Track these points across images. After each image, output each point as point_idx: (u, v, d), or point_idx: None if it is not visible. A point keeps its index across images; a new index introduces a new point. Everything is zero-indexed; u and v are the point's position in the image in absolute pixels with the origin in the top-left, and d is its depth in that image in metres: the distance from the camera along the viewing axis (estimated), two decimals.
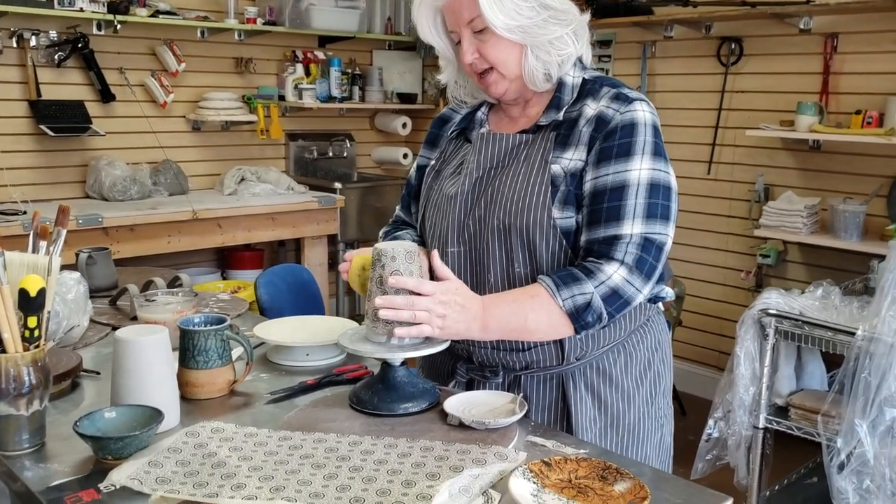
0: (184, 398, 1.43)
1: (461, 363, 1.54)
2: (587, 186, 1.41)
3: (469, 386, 1.54)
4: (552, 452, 1.21)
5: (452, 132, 1.61)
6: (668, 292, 1.55)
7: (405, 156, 4.90)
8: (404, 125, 4.96)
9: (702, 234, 4.02)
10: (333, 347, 1.60)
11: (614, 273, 1.35)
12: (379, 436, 1.24)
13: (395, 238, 1.64)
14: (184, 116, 4.28)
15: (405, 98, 4.94)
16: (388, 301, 1.28)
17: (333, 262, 4.50)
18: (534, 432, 1.29)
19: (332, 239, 4.35)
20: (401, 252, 1.30)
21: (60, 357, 1.52)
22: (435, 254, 1.34)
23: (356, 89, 4.77)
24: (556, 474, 1.10)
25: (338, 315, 4.65)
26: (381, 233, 1.73)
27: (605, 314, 1.35)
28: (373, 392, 1.35)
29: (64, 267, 1.83)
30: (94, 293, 2.10)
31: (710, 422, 2.61)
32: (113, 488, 1.09)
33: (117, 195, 3.84)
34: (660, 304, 1.62)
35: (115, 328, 1.83)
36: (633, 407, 1.53)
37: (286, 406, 1.40)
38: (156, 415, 1.23)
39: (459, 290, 1.33)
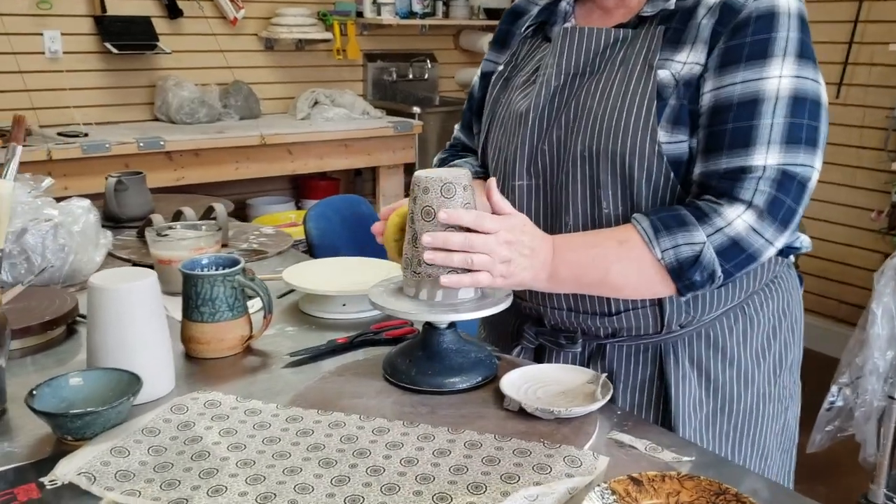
0: (187, 357, 1.17)
1: (528, 324, 1.22)
2: (706, 99, 1.05)
3: (538, 354, 1.22)
4: (644, 459, 0.89)
5: (527, 28, 1.26)
6: (805, 241, 1.19)
7: None
8: None
9: (825, 168, 3.52)
10: None
11: (737, 218, 1.00)
12: (413, 421, 0.95)
13: (453, 167, 1.32)
14: (255, 34, 4.01)
15: (493, 13, 4.52)
16: (439, 238, 0.97)
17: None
18: (620, 425, 0.97)
19: (409, 168, 4.05)
20: (450, 180, 0.99)
21: (53, 299, 1.29)
22: (492, 183, 1.02)
23: (439, 4, 4.40)
24: (649, 499, 0.78)
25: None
26: (435, 160, 1.41)
27: (719, 272, 1.01)
28: (411, 360, 1.05)
29: (85, 198, 1.60)
30: (126, 223, 1.87)
31: (834, 388, 2.22)
32: (57, 484, 0.83)
33: (185, 118, 3.65)
34: (791, 257, 1.25)
35: (135, 264, 1.59)
36: (751, 387, 1.19)
37: (308, 371, 1.13)
38: (133, 382, 0.97)
39: (527, 229, 1.01)
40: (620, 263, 1.02)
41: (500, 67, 1.27)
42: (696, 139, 1.06)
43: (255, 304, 1.30)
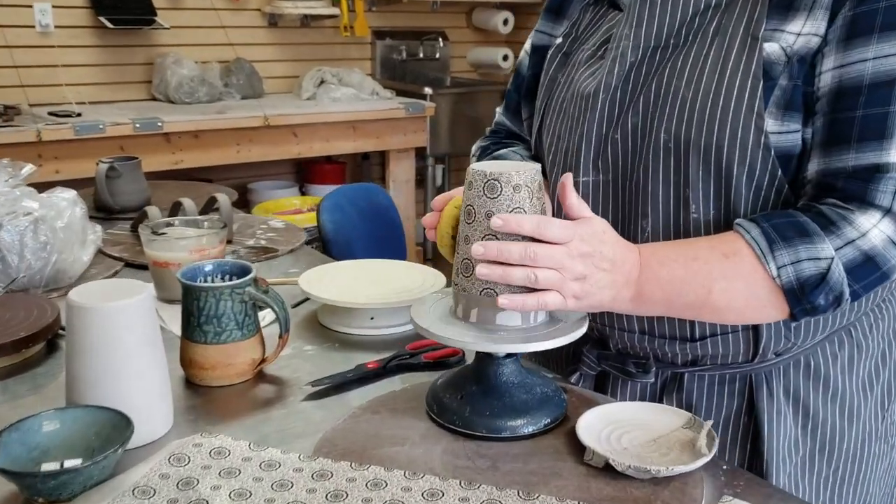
0: (188, 384, 0.98)
1: (589, 346, 1.03)
2: (827, 79, 0.85)
3: (600, 382, 1.04)
4: None
5: None
6: None
7: (505, 58, 4.30)
8: (506, 22, 4.34)
9: None
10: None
11: (873, 228, 0.81)
12: (472, 481, 0.76)
13: (497, 158, 1.13)
14: (258, 9, 3.80)
15: None
16: (493, 249, 0.78)
17: (422, 179, 4.02)
18: (730, 485, 0.78)
19: (420, 153, 3.85)
20: (495, 176, 0.80)
21: (31, 309, 1.09)
22: (568, 180, 0.83)
23: None
24: None
25: (425, 247, 4.19)
26: (474, 148, 1.22)
27: (846, 294, 0.82)
28: (463, 397, 0.86)
29: (77, 182, 1.41)
30: (119, 215, 1.68)
31: None
32: None
33: (184, 97, 3.44)
34: None
35: (128, 264, 1.40)
36: (856, 423, 1.00)
37: (333, 405, 0.94)
38: (121, 426, 0.78)
39: (607, 237, 0.82)
40: (725, 282, 0.82)
41: (559, 40, 1.08)
42: (813, 129, 0.87)
43: (265, 316, 1.11)
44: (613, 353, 1.01)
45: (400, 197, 3.54)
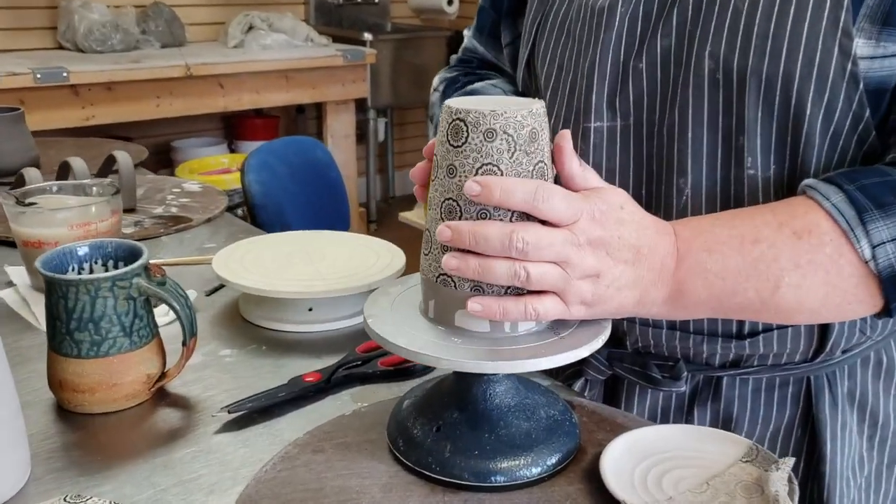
0: (60, 411, 0.72)
1: None
2: None
3: (609, 391, 0.81)
4: None
5: None
6: None
7: (450, 2, 4.01)
8: None
9: None
10: (361, 298, 0.87)
11: None
12: None
13: (475, 94, 0.88)
14: None
15: None
16: (465, 232, 0.55)
17: (363, 134, 3.73)
18: None
19: (360, 105, 3.56)
20: (495, 117, 0.56)
21: None
22: (566, 140, 0.59)
23: None
24: None
25: (369, 208, 3.91)
26: (436, 81, 0.96)
27: None
28: (440, 427, 0.62)
29: None
30: None
31: None
32: None
33: (95, 45, 3.10)
34: None
35: (2, 242, 1.11)
36: None
37: (259, 440, 0.68)
38: None
39: (629, 215, 0.59)
40: (798, 273, 0.59)
41: None
42: None
43: (168, 312, 0.85)
44: (630, 354, 0.78)
45: (339, 154, 3.26)
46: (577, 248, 0.56)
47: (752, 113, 0.65)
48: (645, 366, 0.77)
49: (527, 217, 0.56)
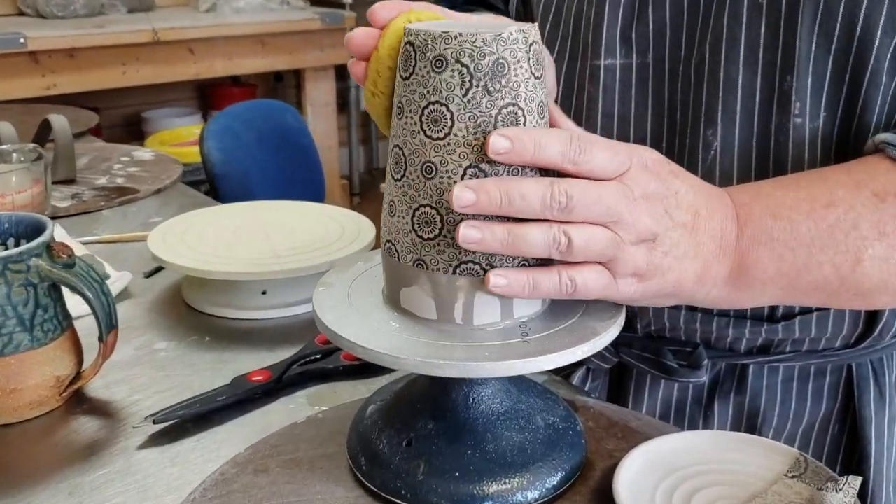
0: None
1: None
2: None
3: (615, 382, 0.69)
4: None
5: None
6: None
7: None
8: None
9: None
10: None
11: None
12: None
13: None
14: None
15: None
16: (492, 192, 0.41)
17: (344, 102, 3.59)
18: None
19: (341, 72, 3.41)
20: (448, 41, 0.43)
21: None
22: (557, 112, 0.46)
23: None
24: None
25: (352, 181, 3.77)
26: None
27: None
28: (411, 440, 0.49)
29: None
30: None
31: None
32: None
33: (56, 10, 2.94)
34: None
35: None
36: None
37: (193, 452, 0.56)
38: None
39: (675, 167, 0.46)
40: (884, 241, 0.47)
41: None
42: None
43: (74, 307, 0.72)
44: (640, 338, 0.66)
45: (319, 123, 3.12)
46: (632, 203, 0.43)
47: (804, 45, 0.52)
48: (658, 352, 0.64)
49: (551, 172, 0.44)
